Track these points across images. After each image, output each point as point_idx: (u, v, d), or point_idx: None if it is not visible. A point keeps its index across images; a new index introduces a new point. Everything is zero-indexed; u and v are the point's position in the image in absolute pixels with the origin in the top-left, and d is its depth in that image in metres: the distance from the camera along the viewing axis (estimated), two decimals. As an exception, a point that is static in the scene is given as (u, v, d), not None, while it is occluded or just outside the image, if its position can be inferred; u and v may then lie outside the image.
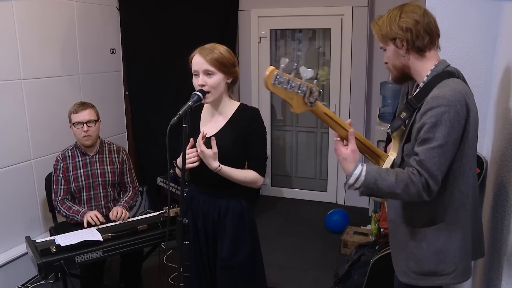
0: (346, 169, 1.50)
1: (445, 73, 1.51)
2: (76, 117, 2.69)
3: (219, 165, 1.90)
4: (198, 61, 1.89)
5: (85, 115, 2.69)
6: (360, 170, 1.46)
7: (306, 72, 1.39)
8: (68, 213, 2.69)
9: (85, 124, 2.67)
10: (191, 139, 1.91)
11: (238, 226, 2.02)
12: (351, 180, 1.47)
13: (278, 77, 1.37)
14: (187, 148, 1.85)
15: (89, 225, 2.58)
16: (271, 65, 4.74)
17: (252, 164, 2.01)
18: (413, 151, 1.49)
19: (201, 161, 1.93)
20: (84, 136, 2.69)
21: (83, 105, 2.72)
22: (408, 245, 1.61)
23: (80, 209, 2.68)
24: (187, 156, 1.88)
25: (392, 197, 1.51)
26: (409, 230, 1.61)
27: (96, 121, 2.74)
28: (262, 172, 2.01)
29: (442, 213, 1.54)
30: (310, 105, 1.41)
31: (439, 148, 1.41)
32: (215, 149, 1.88)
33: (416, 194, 1.43)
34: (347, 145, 1.54)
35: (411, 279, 1.62)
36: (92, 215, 2.60)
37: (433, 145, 1.41)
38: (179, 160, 2.01)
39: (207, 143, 1.90)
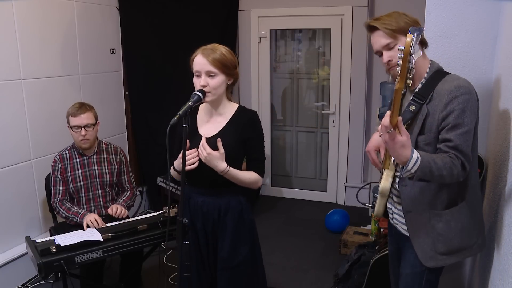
0: (405, 155, 1.49)
1: (441, 70, 1.68)
2: (74, 121, 2.66)
3: (227, 166, 1.90)
4: (200, 62, 1.89)
5: (83, 119, 2.66)
6: (417, 155, 1.51)
7: (418, 51, 1.40)
8: (67, 214, 2.68)
9: (83, 128, 2.65)
10: (187, 141, 1.90)
11: (238, 225, 2.03)
12: (410, 165, 1.50)
13: (413, 45, 1.34)
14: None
15: (88, 227, 2.57)
16: (271, 65, 4.78)
17: (252, 165, 2.02)
18: (434, 140, 1.61)
19: (199, 162, 1.92)
20: (81, 140, 2.68)
21: (82, 108, 2.68)
22: (435, 228, 1.70)
23: (80, 211, 2.67)
24: (190, 154, 1.89)
25: (438, 179, 1.57)
26: (433, 214, 1.70)
27: (94, 124, 2.72)
28: (261, 173, 2.03)
29: (463, 192, 1.68)
30: (407, 83, 1.43)
31: (470, 132, 1.57)
32: (222, 150, 1.88)
33: (457, 175, 1.56)
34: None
35: (438, 261, 1.71)
36: (92, 219, 2.58)
37: (465, 130, 1.55)
38: (176, 163, 2.01)
39: (211, 145, 1.90)
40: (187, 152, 1.89)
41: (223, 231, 2.03)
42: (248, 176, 1.99)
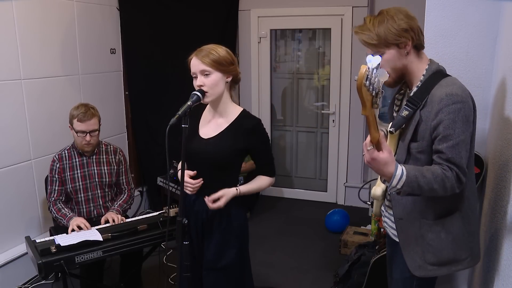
0: (388, 171, 1.45)
1: (440, 71, 1.59)
2: (80, 126, 2.62)
3: (236, 189, 1.97)
4: (194, 63, 1.92)
5: (89, 125, 2.63)
6: (401, 170, 1.46)
7: (383, 74, 1.36)
8: (57, 215, 2.67)
9: (88, 134, 2.64)
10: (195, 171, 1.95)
11: (225, 229, 2.02)
12: (395, 182, 1.46)
13: (368, 76, 1.30)
14: (189, 175, 1.93)
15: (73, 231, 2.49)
16: (271, 65, 4.78)
17: (263, 170, 2.06)
18: (428, 148, 1.55)
19: (196, 165, 1.95)
20: (85, 144, 2.67)
21: (88, 113, 2.63)
22: (425, 238, 1.65)
23: (68, 213, 2.64)
24: (192, 184, 1.94)
25: (429, 193, 1.51)
26: (423, 224, 1.65)
27: (99, 129, 2.71)
28: (272, 174, 2.08)
29: (457, 203, 1.62)
30: (375, 107, 1.38)
31: (462, 143, 1.49)
32: (219, 193, 1.94)
33: (450, 188, 1.50)
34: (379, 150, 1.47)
35: (428, 272, 1.66)
36: (79, 223, 2.51)
37: (456, 141, 1.48)
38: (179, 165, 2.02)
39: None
40: (193, 181, 1.94)
41: (210, 232, 2.04)
42: (259, 184, 2.06)
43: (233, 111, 2.01)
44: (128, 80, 4.20)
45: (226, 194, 1.94)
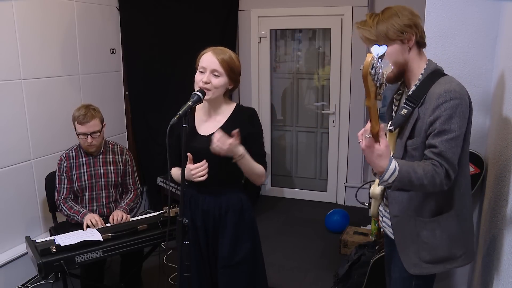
0: (381, 165, 1.45)
1: (438, 71, 1.62)
2: (80, 128, 2.62)
3: (244, 150, 1.90)
4: (209, 59, 1.91)
5: (90, 127, 2.62)
6: (395, 165, 1.47)
7: (387, 65, 1.37)
8: (69, 212, 2.69)
9: (89, 136, 2.64)
10: (190, 154, 1.89)
11: (238, 223, 2.04)
12: (386, 176, 1.47)
13: (374, 65, 1.30)
14: (187, 163, 1.86)
15: (88, 227, 2.56)
16: (271, 65, 4.78)
17: (256, 160, 2.03)
18: (422, 145, 1.56)
19: (202, 160, 1.93)
20: (88, 145, 2.67)
21: (88, 115, 2.62)
22: (420, 236, 1.65)
23: (81, 210, 2.68)
24: (195, 171, 1.88)
25: (419, 189, 1.53)
26: (419, 221, 1.65)
27: (100, 130, 2.70)
28: (265, 167, 2.06)
29: (452, 200, 1.62)
30: (378, 98, 1.38)
31: (456, 139, 1.50)
32: (236, 139, 1.86)
33: (439, 184, 1.50)
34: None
35: (423, 269, 1.66)
36: (92, 219, 2.57)
37: (451, 136, 1.49)
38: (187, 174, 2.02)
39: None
40: (197, 165, 1.89)
41: (224, 228, 2.04)
42: (257, 166, 1.98)
43: (228, 107, 2.05)
44: (128, 80, 4.20)
45: (235, 142, 1.84)
